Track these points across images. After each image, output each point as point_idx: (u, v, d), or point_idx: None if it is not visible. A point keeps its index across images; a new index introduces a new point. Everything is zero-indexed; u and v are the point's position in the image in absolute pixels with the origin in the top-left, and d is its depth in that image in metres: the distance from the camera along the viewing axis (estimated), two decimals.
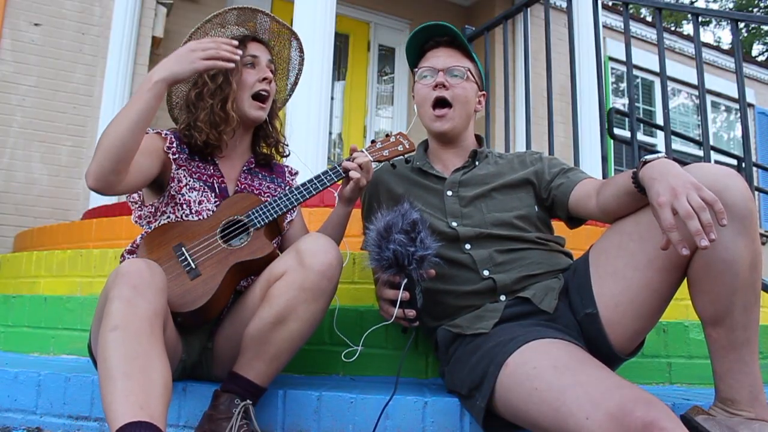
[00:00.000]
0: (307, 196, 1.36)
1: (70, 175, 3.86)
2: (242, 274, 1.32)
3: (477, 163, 1.50)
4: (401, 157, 1.45)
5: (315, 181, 1.38)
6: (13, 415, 1.38)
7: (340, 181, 1.41)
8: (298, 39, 1.57)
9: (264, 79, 1.44)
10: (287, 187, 1.55)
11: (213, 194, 1.40)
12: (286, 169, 1.62)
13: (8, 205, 3.71)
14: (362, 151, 1.42)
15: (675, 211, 0.95)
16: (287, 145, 1.59)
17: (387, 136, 1.47)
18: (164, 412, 0.95)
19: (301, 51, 1.58)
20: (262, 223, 1.32)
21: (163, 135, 1.40)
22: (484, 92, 1.56)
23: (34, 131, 3.79)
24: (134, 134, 1.18)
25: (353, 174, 1.36)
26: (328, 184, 1.38)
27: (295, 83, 1.65)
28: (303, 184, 1.37)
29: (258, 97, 1.45)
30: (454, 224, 1.39)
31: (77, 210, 3.80)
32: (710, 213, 0.94)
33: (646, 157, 1.08)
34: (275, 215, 1.34)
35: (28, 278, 2.37)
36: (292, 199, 1.35)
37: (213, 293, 1.23)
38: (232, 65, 1.28)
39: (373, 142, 1.47)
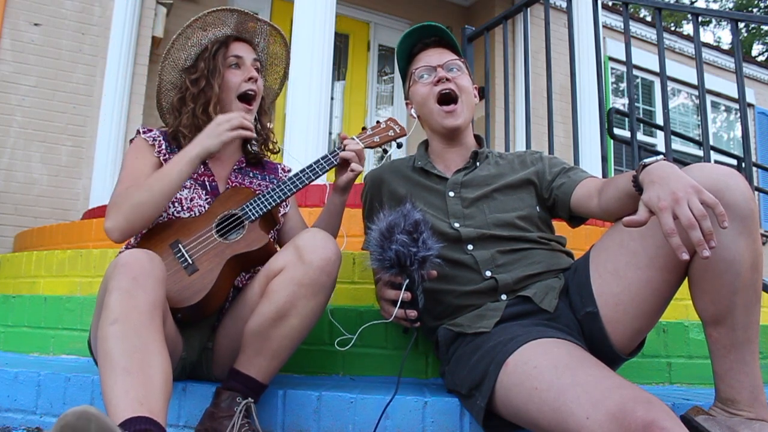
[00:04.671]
0: (300, 186, 1.36)
1: (70, 175, 3.86)
2: (240, 267, 1.32)
3: (478, 163, 1.50)
4: (394, 142, 1.45)
5: (307, 171, 1.37)
6: (13, 415, 1.38)
7: (333, 170, 1.41)
8: (281, 33, 1.57)
9: (250, 78, 1.44)
10: (278, 180, 1.55)
11: (204, 191, 1.41)
12: (279, 166, 1.62)
13: (8, 205, 3.70)
14: (353, 139, 1.42)
15: (675, 215, 0.95)
16: (276, 142, 1.60)
17: (378, 122, 1.47)
18: (164, 407, 0.94)
19: (286, 45, 1.59)
20: (257, 215, 1.32)
21: (150, 142, 1.42)
22: (476, 85, 1.56)
23: (33, 131, 3.79)
24: (168, 200, 1.29)
25: (355, 167, 1.36)
26: (321, 173, 1.37)
27: (284, 77, 1.65)
28: (295, 174, 1.38)
29: (245, 98, 1.45)
30: (457, 225, 1.39)
31: (77, 210, 3.80)
32: (711, 215, 0.94)
33: (645, 160, 1.08)
34: (269, 206, 1.34)
35: (28, 278, 2.37)
36: (285, 190, 1.35)
37: (211, 287, 1.23)
38: (253, 135, 1.36)
39: (363, 129, 1.46)
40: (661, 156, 1.10)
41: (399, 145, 1.46)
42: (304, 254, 1.20)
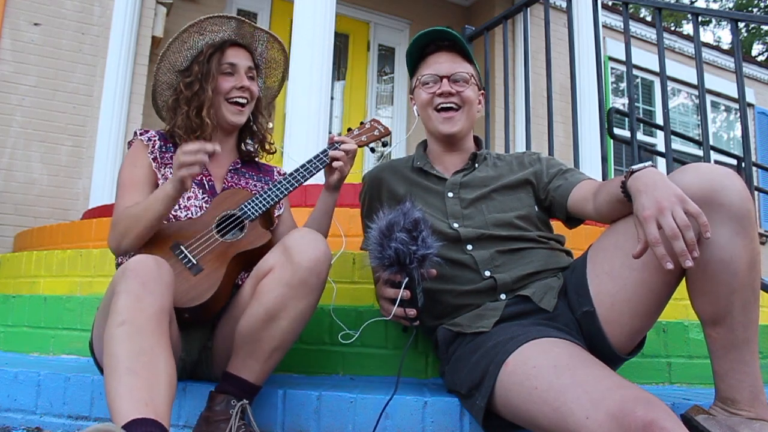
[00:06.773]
0: (296, 185, 1.38)
1: (70, 175, 3.86)
2: (242, 265, 1.33)
3: (477, 165, 1.50)
4: (381, 141, 1.50)
5: (302, 170, 1.39)
6: (13, 415, 1.38)
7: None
8: (279, 41, 1.58)
9: (241, 87, 1.46)
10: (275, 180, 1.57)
11: (201, 191, 1.43)
12: (275, 169, 1.64)
13: (8, 205, 3.70)
14: (343, 138, 1.45)
15: (660, 225, 0.96)
16: (273, 143, 1.61)
17: (362, 123, 1.51)
18: (169, 409, 0.94)
19: (284, 52, 1.60)
20: (256, 214, 1.33)
21: (145, 143, 1.44)
22: (483, 91, 1.56)
23: (33, 131, 3.79)
24: (157, 224, 1.28)
25: (336, 164, 1.39)
26: (315, 171, 1.40)
27: (283, 79, 1.67)
28: (291, 174, 1.39)
29: (235, 104, 1.47)
30: (456, 225, 1.39)
31: (77, 210, 3.80)
32: (695, 225, 0.95)
33: (633, 167, 1.09)
34: (267, 206, 1.35)
35: (28, 278, 2.37)
36: (282, 189, 1.37)
37: (218, 285, 1.24)
38: (196, 170, 1.22)
39: (349, 130, 1.50)
40: (649, 162, 1.11)
41: (384, 144, 1.51)
42: (292, 255, 1.19)
